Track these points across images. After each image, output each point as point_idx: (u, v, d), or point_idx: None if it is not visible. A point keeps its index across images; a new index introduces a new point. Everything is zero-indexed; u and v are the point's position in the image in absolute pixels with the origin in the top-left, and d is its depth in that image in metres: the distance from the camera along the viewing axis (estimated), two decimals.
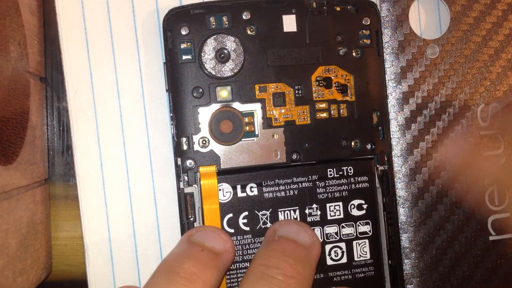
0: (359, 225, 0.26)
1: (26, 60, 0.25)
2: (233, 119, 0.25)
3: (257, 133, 0.25)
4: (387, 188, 0.26)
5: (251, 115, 0.25)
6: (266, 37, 0.25)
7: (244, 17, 0.25)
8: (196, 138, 0.25)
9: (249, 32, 0.25)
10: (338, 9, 0.26)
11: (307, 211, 0.25)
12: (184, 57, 0.25)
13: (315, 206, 0.25)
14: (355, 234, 0.26)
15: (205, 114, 0.25)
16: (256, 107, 0.25)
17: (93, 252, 0.26)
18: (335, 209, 0.25)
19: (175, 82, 0.25)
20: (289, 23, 0.25)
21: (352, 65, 0.26)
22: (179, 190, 0.25)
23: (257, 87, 0.25)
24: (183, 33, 0.25)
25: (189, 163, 0.25)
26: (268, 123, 0.25)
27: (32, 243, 0.25)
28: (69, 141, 0.27)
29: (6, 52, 0.23)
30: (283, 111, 0.26)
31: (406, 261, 0.27)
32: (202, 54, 0.25)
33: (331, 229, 0.25)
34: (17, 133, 0.24)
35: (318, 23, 0.26)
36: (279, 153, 0.25)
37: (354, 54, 0.26)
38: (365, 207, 0.26)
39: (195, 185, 0.25)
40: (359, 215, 0.26)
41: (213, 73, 0.25)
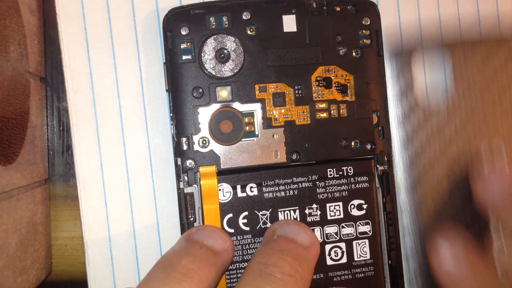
0: (359, 225, 0.26)
1: (26, 60, 0.25)
2: (233, 119, 0.25)
3: (257, 133, 0.25)
4: (387, 188, 0.26)
5: (251, 115, 0.25)
6: (266, 37, 0.25)
7: (244, 17, 0.25)
8: (196, 138, 0.25)
9: (249, 32, 0.25)
10: (338, 9, 0.26)
11: (307, 211, 0.25)
12: (184, 57, 0.25)
13: (315, 206, 0.25)
14: (355, 234, 0.26)
15: (205, 114, 0.25)
16: (256, 107, 0.25)
17: (93, 252, 0.26)
18: (335, 209, 0.25)
19: (175, 82, 0.25)
20: (289, 23, 0.25)
21: (352, 65, 0.26)
22: (179, 190, 0.25)
23: (257, 87, 0.25)
24: (183, 33, 0.25)
25: (189, 163, 0.25)
26: (268, 123, 0.25)
27: (32, 243, 0.25)
28: (69, 141, 0.27)
29: (6, 52, 0.23)
30: (283, 111, 0.26)
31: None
32: (202, 54, 0.25)
33: (331, 229, 0.25)
34: (17, 133, 0.24)
35: (318, 23, 0.26)
36: (279, 153, 0.25)
37: (354, 54, 0.26)
38: (365, 207, 0.26)
39: (195, 185, 0.25)
40: (359, 215, 0.26)
41: (213, 73, 0.25)
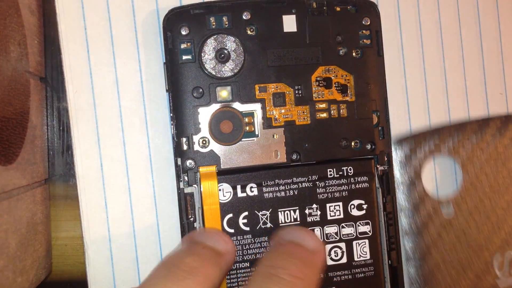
0: (359, 225, 0.26)
1: (26, 60, 0.25)
2: (233, 119, 0.25)
3: (257, 133, 0.25)
4: (387, 188, 0.26)
5: (251, 115, 0.25)
6: (266, 37, 0.25)
7: (244, 17, 0.25)
8: (196, 138, 0.25)
9: (249, 32, 0.25)
10: (338, 9, 0.26)
11: (307, 211, 0.25)
12: (184, 57, 0.25)
13: (315, 206, 0.25)
14: (355, 234, 0.26)
15: (205, 114, 0.25)
16: (256, 107, 0.25)
17: (93, 252, 0.26)
18: (335, 209, 0.25)
19: (175, 82, 0.25)
20: (289, 23, 0.25)
21: (352, 65, 0.26)
22: (179, 190, 0.25)
23: (257, 87, 0.25)
24: (183, 33, 0.25)
25: (189, 163, 0.25)
26: (268, 123, 0.25)
27: (32, 243, 0.25)
28: (69, 141, 0.27)
29: (6, 52, 0.23)
30: (283, 111, 0.26)
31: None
32: (202, 54, 0.25)
33: (331, 229, 0.25)
34: (17, 133, 0.24)
35: (318, 23, 0.26)
36: (279, 153, 0.25)
37: (354, 54, 0.26)
38: (365, 207, 0.26)
39: (195, 185, 0.25)
40: (359, 215, 0.26)
41: (213, 73, 0.25)
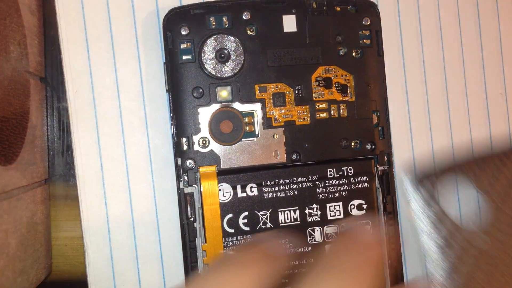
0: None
1: (26, 60, 0.25)
2: (233, 119, 0.25)
3: (257, 133, 0.25)
4: (387, 188, 0.26)
5: (251, 115, 0.25)
6: (266, 37, 0.25)
7: (244, 17, 0.25)
8: (196, 138, 0.25)
9: (249, 32, 0.25)
10: (338, 9, 0.26)
11: (307, 211, 0.25)
12: (184, 57, 0.25)
13: (315, 206, 0.25)
14: None
15: (205, 114, 0.25)
16: (256, 107, 0.25)
17: (93, 252, 0.26)
18: (335, 209, 0.25)
19: (175, 82, 0.25)
20: (289, 23, 0.25)
21: (352, 65, 0.26)
22: (179, 190, 0.25)
23: (257, 87, 0.25)
24: (183, 33, 0.25)
25: (189, 163, 0.25)
26: (268, 123, 0.25)
27: (32, 243, 0.25)
28: (69, 141, 0.27)
29: (6, 52, 0.23)
30: (283, 111, 0.26)
31: None
32: (202, 54, 0.25)
33: (331, 229, 0.25)
34: (17, 133, 0.24)
35: (318, 23, 0.26)
36: (279, 153, 0.25)
37: (354, 54, 0.26)
38: (365, 207, 0.26)
39: (195, 185, 0.25)
40: (359, 215, 0.26)
41: (213, 73, 0.25)
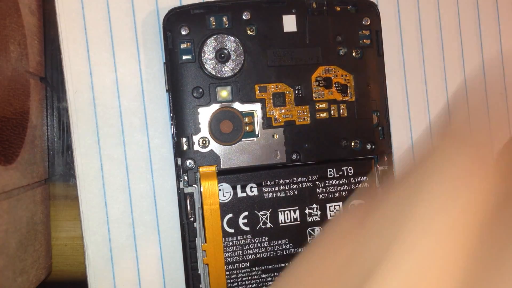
0: None
1: (26, 60, 0.25)
2: (233, 119, 0.25)
3: (257, 133, 0.25)
4: None
5: (251, 115, 0.25)
6: (266, 37, 0.25)
7: (244, 17, 0.25)
8: (196, 138, 0.25)
9: (249, 32, 0.25)
10: (338, 9, 0.26)
11: (307, 211, 0.25)
12: (184, 57, 0.25)
13: (315, 206, 0.25)
14: None
15: (205, 114, 0.25)
16: (256, 107, 0.25)
17: (93, 252, 0.26)
18: (335, 209, 0.25)
19: (175, 82, 0.25)
20: (289, 23, 0.25)
21: (352, 65, 0.26)
22: (179, 190, 0.25)
23: (257, 87, 0.25)
24: (183, 33, 0.25)
25: (189, 163, 0.25)
26: (268, 123, 0.25)
27: (32, 243, 0.25)
28: (69, 141, 0.27)
29: (6, 52, 0.23)
30: (283, 111, 0.26)
31: None
32: (202, 54, 0.25)
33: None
34: (17, 133, 0.24)
35: (318, 23, 0.26)
36: (279, 153, 0.25)
37: (354, 54, 0.26)
38: None
39: (195, 185, 0.25)
40: None
41: (213, 73, 0.25)
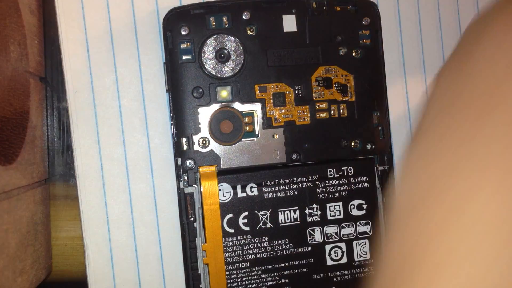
0: (359, 225, 0.26)
1: (26, 60, 0.25)
2: (233, 119, 0.25)
3: (257, 133, 0.25)
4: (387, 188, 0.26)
5: (251, 115, 0.25)
6: (266, 37, 0.25)
7: (244, 17, 0.25)
8: (196, 138, 0.25)
9: (249, 32, 0.25)
10: (338, 9, 0.26)
11: (307, 211, 0.25)
12: (184, 57, 0.25)
13: (315, 206, 0.25)
14: (355, 234, 0.26)
15: (205, 114, 0.25)
16: (256, 107, 0.25)
17: (93, 252, 0.26)
18: (335, 209, 0.25)
19: (175, 82, 0.25)
20: (289, 23, 0.25)
21: (352, 65, 0.26)
22: (179, 190, 0.25)
23: (257, 87, 0.25)
24: (183, 33, 0.25)
25: (189, 163, 0.25)
26: (268, 123, 0.25)
27: (32, 243, 0.25)
28: (69, 141, 0.27)
29: (6, 52, 0.23)
30: (283, 111, 0.26)
31: None
32: (202, 54, 0.25)
33: (331, 229, 0.25)
34: (17, 133, 0.24)
35: (318, 23, 0.26)
36: (279, 153, 0.25)
37: (354, 54, 0.26)
38: (365, 207, 0.26)
39: (195, 185, 0.25)
40: (359, 215, 0.26)
41: (213, 73, 0.25)
